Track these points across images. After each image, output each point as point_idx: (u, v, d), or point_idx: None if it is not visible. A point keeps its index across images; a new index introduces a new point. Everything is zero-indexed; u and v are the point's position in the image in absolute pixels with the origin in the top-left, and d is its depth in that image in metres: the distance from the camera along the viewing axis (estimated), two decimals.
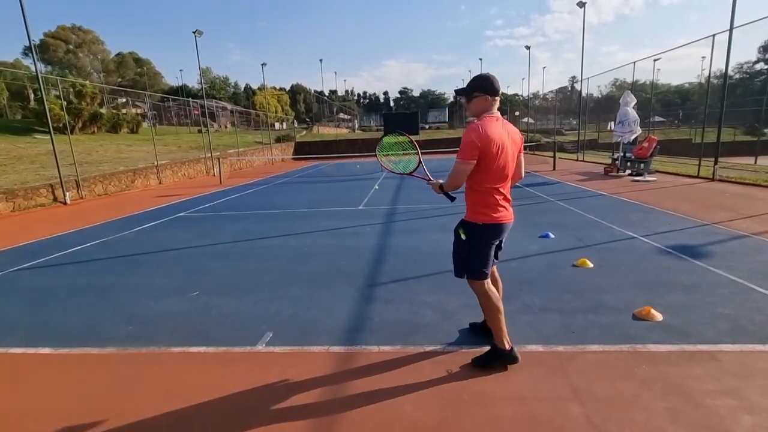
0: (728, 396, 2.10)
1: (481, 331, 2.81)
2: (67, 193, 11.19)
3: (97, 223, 8.04)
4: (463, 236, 2.49)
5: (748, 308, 3.11)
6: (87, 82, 31.11)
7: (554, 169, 14.99)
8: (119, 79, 59.79)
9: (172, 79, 70.45)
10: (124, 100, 36.28)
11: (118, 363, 2.74)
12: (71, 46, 55.64)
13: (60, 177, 11.06)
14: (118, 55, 63.57)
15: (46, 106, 11.65)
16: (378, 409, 2.14)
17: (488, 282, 2.49)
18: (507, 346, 2.44)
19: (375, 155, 3.13)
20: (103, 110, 27.25)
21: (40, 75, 11.59)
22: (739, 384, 2.20)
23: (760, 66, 42.37)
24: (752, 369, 2.33)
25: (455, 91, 2.58)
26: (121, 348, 2.92)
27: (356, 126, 64.51)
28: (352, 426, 2.02)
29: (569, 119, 41.27)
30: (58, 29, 54.97)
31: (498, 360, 2.45)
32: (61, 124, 16.76)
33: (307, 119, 62.01)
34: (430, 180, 2.62)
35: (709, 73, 12.40)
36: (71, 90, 26.74)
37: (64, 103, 17.07)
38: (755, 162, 14.98)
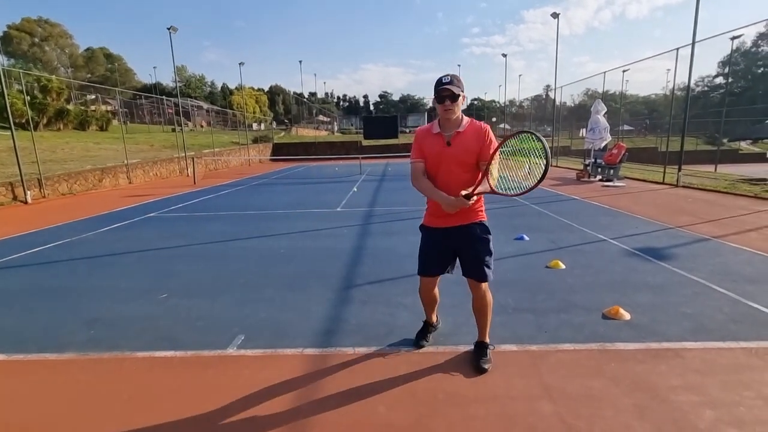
0: (691, 392, 2.18)
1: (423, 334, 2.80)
2: (29, 192, 10.62)
3: (60, 223, 7.65)
4: (491, 236, 2.47)
5: (709, 307, 3.25)
6: (53, 76, 29.75)
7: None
8: (88, 75, 57.43)
9: (145, 77, 68.56)
10: (93, 96, 34.91)
11: (78, 369, 2.59)
12: (37, 39, 53.11)
13: (21, 175, 10.49)
14: (87, 50, 61.13)
15: (7, 101, 11.05)
16: (352, 411, 2.10)
17: None
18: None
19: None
20: (70, 106, 26.15)
21: (1, 68, 10.98)
22: (701, 380, 2.28)
23: (719, 80, 44.90)
24: (713, 365, 2.43)
25: (450, 92, 2.16)
26: (81, 353, 2.77)
27: (336, 128, 64.30)
28: (325, 428, 1.98)
29: (544, 126, 42.44)
30: (23, 21, 52.40)
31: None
32: (24, 119, 15.92)
33: (286, 121, 61.31)
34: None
35: (674, 86, 13.04)
36: (36, 84, 25.53)
37: (28, 98, 16.25)
38: (715, 170, 15.78)
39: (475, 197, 2.13)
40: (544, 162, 2.01)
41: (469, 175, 2.28)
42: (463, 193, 2.10)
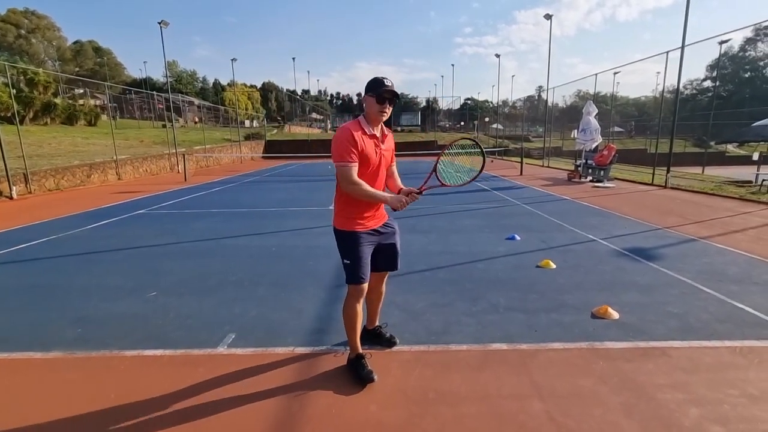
0: (677, 390, 2.22)
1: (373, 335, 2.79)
2: (14, 188, 10.40)
3: (46, 219, 7.51)
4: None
5: (695, 307, 3.30)
6: (40, 69, 29.19)
7: (521, 174, 15.47)
8: (76, 69, 56.37)
9: (135, 71, 67.57)
10: (81, 90, 34.31)
11: (64, 368, 2.55)
12: (23, 31, 51.97)
13: (6, 169, 10.28)
14: (75, 43, 59.95)
15: None
16: (343, 410, 2.10)
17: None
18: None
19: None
20: (57, 100, 25.66)
21: None
22: (687, 378, 2.32)
23: (707, 83, 45.66)
24: (698, 364, 2.48)
25: (393, 94, 2.19)
26: (68, 352, 2.73)
27: (329, 126, 63.98)
28: (316, 428, 1.97)
29: (536, 127, 42.78)
30: (8, 12, 51.23)
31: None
32: (9, 113, 15.59)
33: (279, 118, 60.88)
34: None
35: (663, 88, 13.24)
36: (22, 78, 25.00)
37: (13, 91, 15.92)
38: (702, 172, 16.09)
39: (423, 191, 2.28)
40: (482, 159, 2.37)
41: (385, 174, 2.40)
42: (415, 189, 2.24)
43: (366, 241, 2.33)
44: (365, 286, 2.36)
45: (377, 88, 2.18)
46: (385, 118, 2.25)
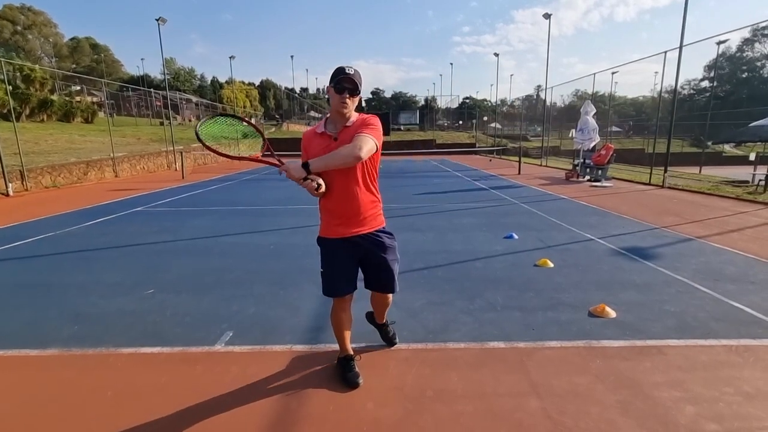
0: (673, 388, 2.23)
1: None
2: (10, 185, 10.35)
3: (42, 216, 7.47)
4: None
5: (692, 305, 3.32)
6: (36, 66, 29.03)
7: (519, 173, 15.48)
8: (73, 65, 56.14)
9: (132, 68, 67.11)
10: (78, 87, 34.14)
11: (61, 365, 2.54)
12: (19, 27, 51.65)
13: (2, 166, 10.22)
14: (72, 39, 59.65)
15: None
16: (340, 408, 2.10)
17: None
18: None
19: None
20: (54, 97, 25.53)
21: None
22: (683, 376, 2.33)
23: (705, 83, 45.80)
24: (695, 362, 2.49)
25: (353, 84, 2.00)
26: (64, 349, 2.71)
27: None
28: (313, 425, 1.97)
29: (534, 126, 42.83)
30: (5, 8, 50.95)
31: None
32: (5, 110, 15.49)
33: (277, 116, 60.71)
34: (282, 164, 2.03)
35: (661, 88, 13.27)
36: (18, 74, 24.87)
37: (9, 88, 15.82)
38: (700, 171, 16.16)
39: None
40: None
41: (361, 172, 2.12)
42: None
43: (341, 251, 2.18)
44: (346, 298, 2.27)
45: (336, 75, 1.98)
46: (346, 111, 2.03)
